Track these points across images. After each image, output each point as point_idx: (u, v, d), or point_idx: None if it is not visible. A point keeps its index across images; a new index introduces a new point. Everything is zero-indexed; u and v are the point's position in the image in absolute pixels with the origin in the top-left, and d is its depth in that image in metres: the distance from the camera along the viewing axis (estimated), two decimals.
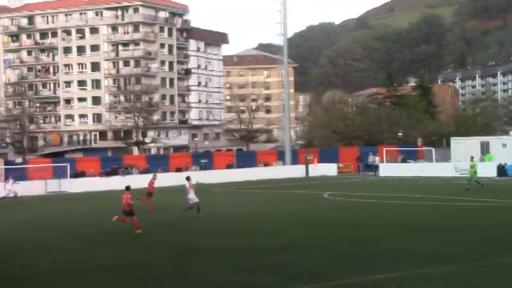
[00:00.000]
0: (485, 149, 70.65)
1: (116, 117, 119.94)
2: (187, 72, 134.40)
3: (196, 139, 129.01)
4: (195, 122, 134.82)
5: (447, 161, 71.14)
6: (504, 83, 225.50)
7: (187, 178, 34.26)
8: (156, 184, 40.46)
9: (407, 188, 49.43)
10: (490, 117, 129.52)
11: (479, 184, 45.62)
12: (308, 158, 74.56)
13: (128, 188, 28.86)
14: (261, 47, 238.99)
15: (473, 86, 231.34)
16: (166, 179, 59.48)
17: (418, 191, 44.29)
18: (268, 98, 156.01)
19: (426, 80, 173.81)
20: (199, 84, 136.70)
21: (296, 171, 71.11)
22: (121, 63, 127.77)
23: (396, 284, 16.40)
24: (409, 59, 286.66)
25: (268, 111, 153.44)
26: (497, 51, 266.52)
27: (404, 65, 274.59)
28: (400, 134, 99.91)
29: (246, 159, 76.23)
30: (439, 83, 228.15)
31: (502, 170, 61.67)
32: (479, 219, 29.36)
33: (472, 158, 51.59)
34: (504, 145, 69.69)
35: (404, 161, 75.93)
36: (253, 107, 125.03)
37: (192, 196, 33.08)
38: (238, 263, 20.16)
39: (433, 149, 76.81)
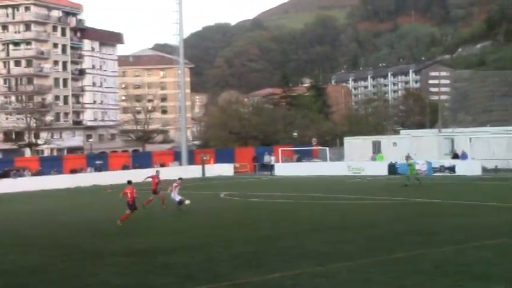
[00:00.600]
0: (377, 148, 72.52)
1: (7, 118, 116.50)
2: (82, 72, 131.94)
3: (91, 140, 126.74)
4: (89, 123, 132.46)
5: (341, 160, 72.59)
6: (394, 84, 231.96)
7: (180, 179, 36.24)
8: (55, 186, 39.59)
9: (302, 187, 50.12)
10: (381, 117, 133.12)
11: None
12: (204, 158, 74.56)
13: (129, 182, 30.54)
14: (157, 47, 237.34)
15: (366, 87, 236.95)
16: (60, 181, 58.28)
17: (314, 190, 44.98)
18: (164, 99, 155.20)
19: (320, 81, 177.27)
20: (93, 84, 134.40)
21: (193, 171, 70.96)
22: (12, 63, 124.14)
23: (292, 282, 16.60)
24: (304, 59, 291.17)
25: (164, 111, 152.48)
26: (388, 53, 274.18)
27: (299, 66, 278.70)
28: (295, 133, 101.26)
29: (142, 160, 75.47)
30: (332, 83, 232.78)
31: (393, 168, 63.36)
32: (374, 217, 30.09)
33: (407, 156, 52.38)
34: (395, 144, 71.74)
35: (299, 160, 76.99)
36: (149, 108, 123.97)
37: (175, 195, 33.37)
38: (137, 265, 19.94)
39: (327, 148, 78.18)
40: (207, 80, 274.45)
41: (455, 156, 63.58)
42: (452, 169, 60.26)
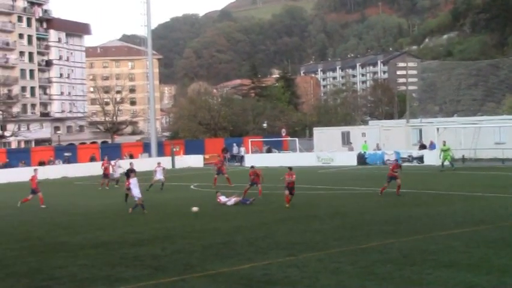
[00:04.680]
0: (346, 138, 72.93)
1: None
2: (48, 63, 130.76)
3: (59, 132, 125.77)
4: (57, 115, 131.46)
5: (310, 151, 72.85)
6: (363, 75, 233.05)
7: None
8: (22, 178, 39.22)
9: (273, 177, 50.17)
10: (350, 107, 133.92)
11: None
12: (174, 149, 74.36)
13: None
14: (125, 38, 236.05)
15: (334, 78, 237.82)
16: (28, 174, 57.65)
17: (280, 181, 45.04)
18: (133, 90, 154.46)
19: (289, 72, 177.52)
20: (61, 75, 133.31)
21: (162, 163, 70.53)
22: None
23: (263, 272, 16.70)
24: (273, 50, 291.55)
25: (133, 103, 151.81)
26: (356, 44, 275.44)
27: (268, 57, 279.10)
28: (264, 124, 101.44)
29: (111, 152, 74.97)
30: (301, 74, 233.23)
31: (362, 158, 63.78)
32: (345, 207, 30.29)
33: (444, 142, 54.60)
34: (363, 134, 72.18)
35: (269, 151, 77.13)
36: (118, 99, 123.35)
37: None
38: (106, 257, 19.88)
39: (296, 139, 78.45)
40: (176, 71, 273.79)
41: (422, 146, 64.15)
42: (420, 159, 60.79)
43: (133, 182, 31.01)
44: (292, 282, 15.70)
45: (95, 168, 62.20)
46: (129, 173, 33.19)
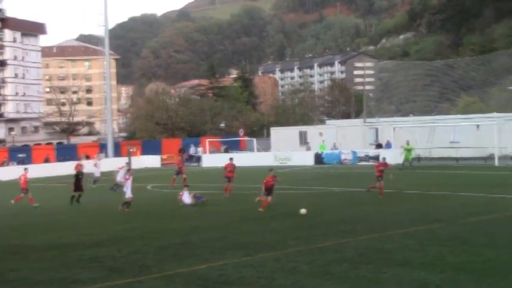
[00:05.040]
0: (303, 138, 73.21)
1: None
2: (3, 63, 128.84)
3: (13, 133, 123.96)
4: (11, 115, 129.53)
5: (268, 151, 72.98)
6: (320, 75, 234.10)
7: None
8: None
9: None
10: (307, 107, 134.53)
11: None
12: (131, 150, 73.78)
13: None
14: (82, 38, 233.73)
15: (292, 78, 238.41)
16: None
17: (241, 181, 45.03)
18: (89, 90, 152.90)
19: (247, 72, 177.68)
20: (15, 76, 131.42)
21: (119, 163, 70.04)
22: None
23: (219, 272, 16.66)
24: (231, 50, 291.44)
25: (89, 103, 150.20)
26: (314, 44, 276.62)
27: (226, 57, 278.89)
28: (222, 124, 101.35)
29: (67, 153, 74.30)
30: (259, 74, 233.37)
31: (319, 158, 64.08)
32: (302, 206, 30.34)
33: (407, 141, 56.18)
34: (321, 134, 72.53)
35: (226, 151, 77.06)
36: (74, 100, 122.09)
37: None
38: (61, 259, 19.64)
39: (254, 139, 78.52)
40: (133, 71, 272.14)
41: (378, 146, 64.72)
42: (376, 158, 61.23)
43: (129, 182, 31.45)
44: (248, 282, 15.69)
45: (49, 169, 61.62)
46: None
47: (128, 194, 30.96)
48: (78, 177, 36.63)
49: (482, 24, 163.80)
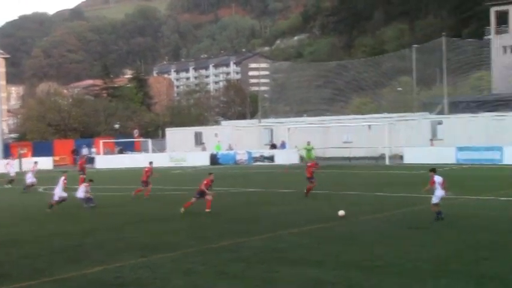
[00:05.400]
0: (199, 139, 73.23)
1: None
2: None
3: None
4: None
5: (163, 152, 72.60)
6: (216, 75, 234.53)
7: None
8: None
9: (124, 179, 49.65)
10: (203, 108, 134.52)
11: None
12: (21, 152, 71.93)
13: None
14: None
15: (188, 78, 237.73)
16: None
17: (136, 183, 44.61)
18: None
19: (142, 72, 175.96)
20: None
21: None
22: None
23: (115, 274, 16.47)
24: (126, 50, 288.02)
25: None
26: (209, 44, 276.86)
27: (121, 57, 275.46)
28: (116, 125, 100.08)
29: None
30: (154, 74, 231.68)
31: (214, 159, 64.22)
32: (197, 207, 30.26)
33: (308, 142, 57.10)
34: (216, 135, 72.73)
35: (121, 152, 76.20)
36: None
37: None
38: None
39: (149, 140, 77.95)
40: (24, 70, 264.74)
41: (273, 146, 65.48)
42: (271, 158, 61.95)
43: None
44: (144, 284, 15.60)
45: None
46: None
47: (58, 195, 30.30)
48: None
49: (373, 27, 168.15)
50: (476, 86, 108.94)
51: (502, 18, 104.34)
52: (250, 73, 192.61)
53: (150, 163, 37.92)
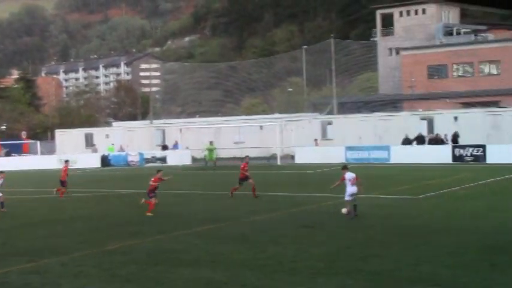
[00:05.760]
0: (89, 140, 72.01)
1: None
2: None
3: None
4: None
5: (52, 154, 70.99)
6: (106, 76, 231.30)
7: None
8: None
9: (10, 182, 48.21)
10: (93, 109, 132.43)
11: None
12: None
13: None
14: None
15: (77, 79, 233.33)
16: None
17: (23, 185, 43.52)
18: None
19: (30, 72, 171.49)
20: None
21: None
22: None
23: (1, 280, 15.97)
24: (12, 50, 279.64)
25: None
26: (99, 45, 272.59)
27: (7, 57, 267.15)
28: (3, 127, 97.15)
29: None
30: (43, 75, 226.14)
31: (105, 160, 63.34)
32: (87, 209, 29.84)
33: (211, 142, 57.64)
34: (107, 136, 71.71)
35: (8, 154, 73.92)
36: None
37: None
38: None
39: (38, 142, 76.09)
40: None
41: (164, 147, 65.24)
42: (163, 160, 61.64)
43: None
44: None
45: None
46: None
47: None
48: None
49: (263, 29, 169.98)
50: (364, 86, 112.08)
51: (387, 21, 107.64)
52: (141, 74, 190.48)
53: (66, 162, 37.17)
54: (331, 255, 17.49)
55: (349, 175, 23.93)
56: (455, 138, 52.14)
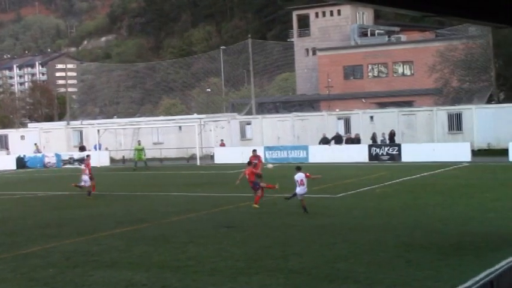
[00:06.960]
0: (4, 142, 70.41)
1: None
2: None
3: None
4: None
5: None
6: (21, 76, 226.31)
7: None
8: None
9: None
10: (8, 110, 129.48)
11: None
12: None
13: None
14: None
15: None
16: None
17: None
18: None
19: None
20: None
21: None
22: None
23: None
24: None
25: None
26: (13, 44, 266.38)
27: None
28: None
29: None
30: None
31: (21, 162, 62.03)
32: (4, 212, 29.19)
33: (139, 141, 56.78)
34: (23, 137, 70.22)
35: None
36: None
37: None
38: None
39: None
40: None
41: (82, 148, 64.37)
42: (81, 161, 60.67)
43: None
44: None
45: None
46: None
47: None
48: None
49: (181, 29, 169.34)
50: (282, 86, 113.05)
51: (303, 22, 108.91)
52: (57, 74, 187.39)
53: None
54: (252, 255, 17.65)
55: (298, 176, 24.19)
56: (391, 136, 52.86)
